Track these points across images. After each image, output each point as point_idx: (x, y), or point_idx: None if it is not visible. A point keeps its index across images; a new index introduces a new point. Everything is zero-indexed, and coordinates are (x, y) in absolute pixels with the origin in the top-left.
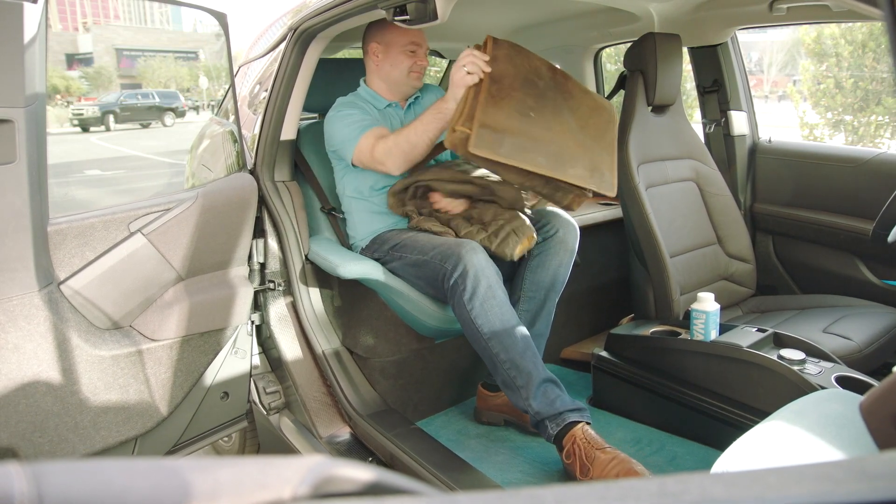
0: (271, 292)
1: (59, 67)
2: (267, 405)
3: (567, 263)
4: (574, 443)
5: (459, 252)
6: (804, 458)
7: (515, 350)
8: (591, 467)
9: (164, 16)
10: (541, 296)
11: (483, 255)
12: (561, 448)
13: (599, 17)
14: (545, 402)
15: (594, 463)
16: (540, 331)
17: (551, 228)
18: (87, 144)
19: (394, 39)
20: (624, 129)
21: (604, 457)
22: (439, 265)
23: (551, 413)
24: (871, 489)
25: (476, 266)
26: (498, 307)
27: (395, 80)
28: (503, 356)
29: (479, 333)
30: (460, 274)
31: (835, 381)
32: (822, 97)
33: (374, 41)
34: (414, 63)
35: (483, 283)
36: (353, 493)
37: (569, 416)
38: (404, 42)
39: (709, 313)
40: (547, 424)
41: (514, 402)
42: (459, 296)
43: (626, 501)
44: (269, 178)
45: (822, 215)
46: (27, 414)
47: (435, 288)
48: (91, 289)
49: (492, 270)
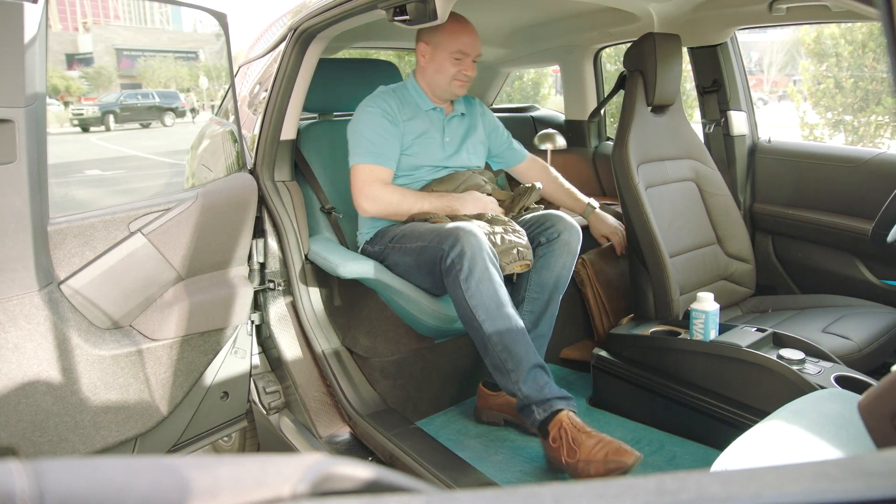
0: (271, 292)
1: (59, 67)
2: (267, 405)
3: (570, 265)
4: (560, 427)
5: (458, 233)
6: (803, 457)
7: (508, 333)
8: (577, 450)
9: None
10: (545, 297)
11: (482, 237)
12: (546, 434)
13: (599, 17)
14: (535, 388)
15: (581, 446)
16: (543, 332)
17: (554, 231)
18: (87, 144)
19: (442, 43)
20: (624, 130)
21: (590, 440)
22: (437, 247)
23: (539, 399)
24: (869, 487)
25: (474, 247)
26: (493, 289)
27: (437, 84)
28: (495, 339)
29: (472, 314)
30: (458, 254)
31: (834, 380)
32: (822, 97)
33: (424, 41)
34: (459, 71)
35: (479, 264)
36: (352, 491)
37: (556, 403)
38: (452, 48)
39: (708, 313)
40: (534, 409)
41: (502, 384)
42: (455, 275)
43: (625, 499)
44: (269, 177)
45: (821, 215)
46: (27, 413)
47: (434, 276)
48: (91, 288)
49: (489, 253)
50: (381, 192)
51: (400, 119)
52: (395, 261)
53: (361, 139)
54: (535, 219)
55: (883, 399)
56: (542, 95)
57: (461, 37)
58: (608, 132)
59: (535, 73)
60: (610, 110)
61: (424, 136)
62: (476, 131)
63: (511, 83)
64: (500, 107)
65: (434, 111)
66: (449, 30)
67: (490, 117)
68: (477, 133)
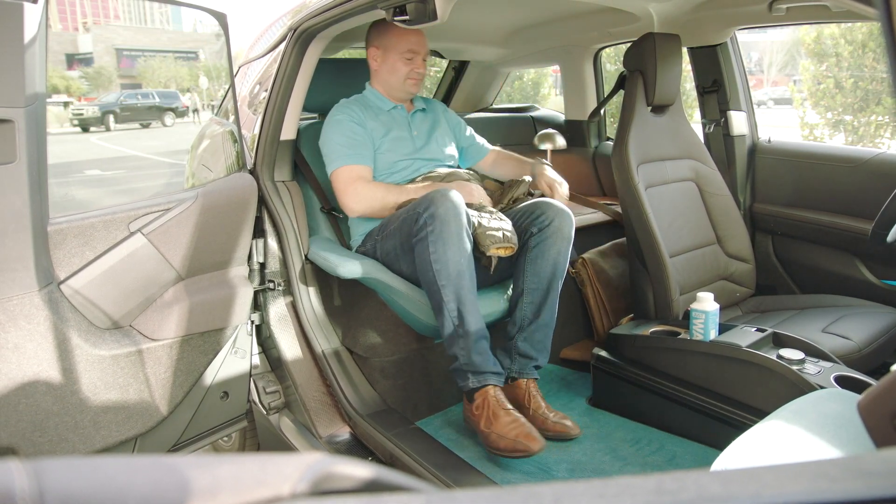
0: (271, 292)
1: (59, 67)
2: (267, 405)
3: (565, 251)
4: (485, 399)
5: (433, 196)
6: (803, 457)
7: (464, 301)
8: (494, 422)
9: (164, 16)
10: (544, 286)
11: (459, 202)
12: (472, 399)
13: (599, 17)
14: (478, 358)
15: (498, 420)
16: (545, 321)
17: (545, 219)
18: (87, 144)
19: (392, 45)
20: (623, 130)
21: (507, 417)
22: (412, 212)
23: (477, 369)
24: (868, 487)
25: (449, 210)
26: (459, 256)
27: (392, 85)
28: (452, 305)
29: (434, 278)
30: (430, 215)
31: (834, 380)
32: (822, 97)
33: (374, 45)
34: (411, 70)
35: (451, 228)
36: (351, 490)
37: (490, 377)
38: (402, 48)
39: (708, 313)
40: (469, 377)
41: (446, 343)
42: (425, 236)
43: (624, 498)
44: (269, 177)
45: (821, 215)
46: (27, 413)
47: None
48: (91, 288)
49: (462, 217)
50: (364, 189)
51: (366, 120)
52: (386, 249)
53: (334, 146)
54: (525, 209)
55: (882, 399)
56: (542, 95)
57: (409, 36)
58: (608, 132)
59: (535, 73)
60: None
61: (392, 132)
62: (440, 125)
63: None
64: (500, 107)
65: (396, 109)
66: (396, 32)
67: (452, 115)
68: (442, 127)
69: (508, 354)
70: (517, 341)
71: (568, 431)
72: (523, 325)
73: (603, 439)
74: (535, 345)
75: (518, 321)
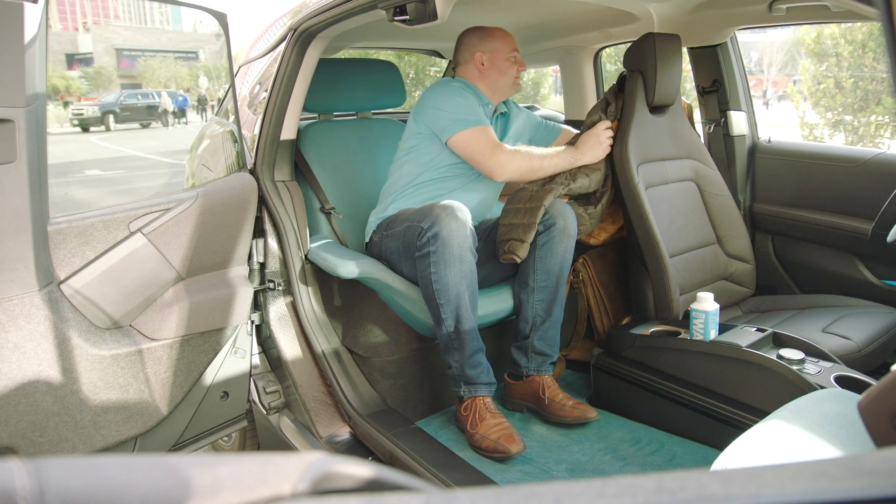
0: (271, 292)
1: (59, 67)
2: (267, 405)
3: (571, 248)
4: (474, 402)
5: (438, 213)
6: (803, 457)
7: (463, 320)
8: (479, 424)
9: (164, 16)
10: (553, 283)
11: (463, 218)
12: (461, 401)
13: (599, 17)
14: (473, 371)
15: (483, 422)
16: (556, 317)
17: (550, 219)
18: (87, 144)
19: (497, 48)
20: (623, 130)
21: (492, 420)
22: (416, 224)
23: (470, 381)
24: (867, 486)
25: (452, 231)
26: (459, 277)
27: (500, 86)
28: (451, 321)
29: (433, 296)
30: (433, 235)
31: (834, 380)
32: (822, 97)
33: (479, 50)
34: (517, 69)
35: (452, 251)
36: (352, 489)
37: (481, 389)
38: (508, 50)
39: (708, 313)
40: (462, 386)
41: (442, 351)
42: (426, 255)
43: (625, 498)
44: (269, 177)
45: (821, 215)
46: (27, 413)
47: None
48: (91, 288)
49: (467, 240)
50: (518, 154)
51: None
52: (390, 249)
53: (459, 107)
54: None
55: (882, 399)
56: (542, 95)
57: (510, 38)
58: None
59: (535, 73)
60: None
61: None
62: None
63: None
64: None
65: (488, 107)
66: (499, 36)
67: (522, 109)
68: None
69: (524, 353)
70: (533, 340)
71: (586, 415)
72: (536, 323)
73: (603, 439)
74: (548, 342)
75: (531, 319)
